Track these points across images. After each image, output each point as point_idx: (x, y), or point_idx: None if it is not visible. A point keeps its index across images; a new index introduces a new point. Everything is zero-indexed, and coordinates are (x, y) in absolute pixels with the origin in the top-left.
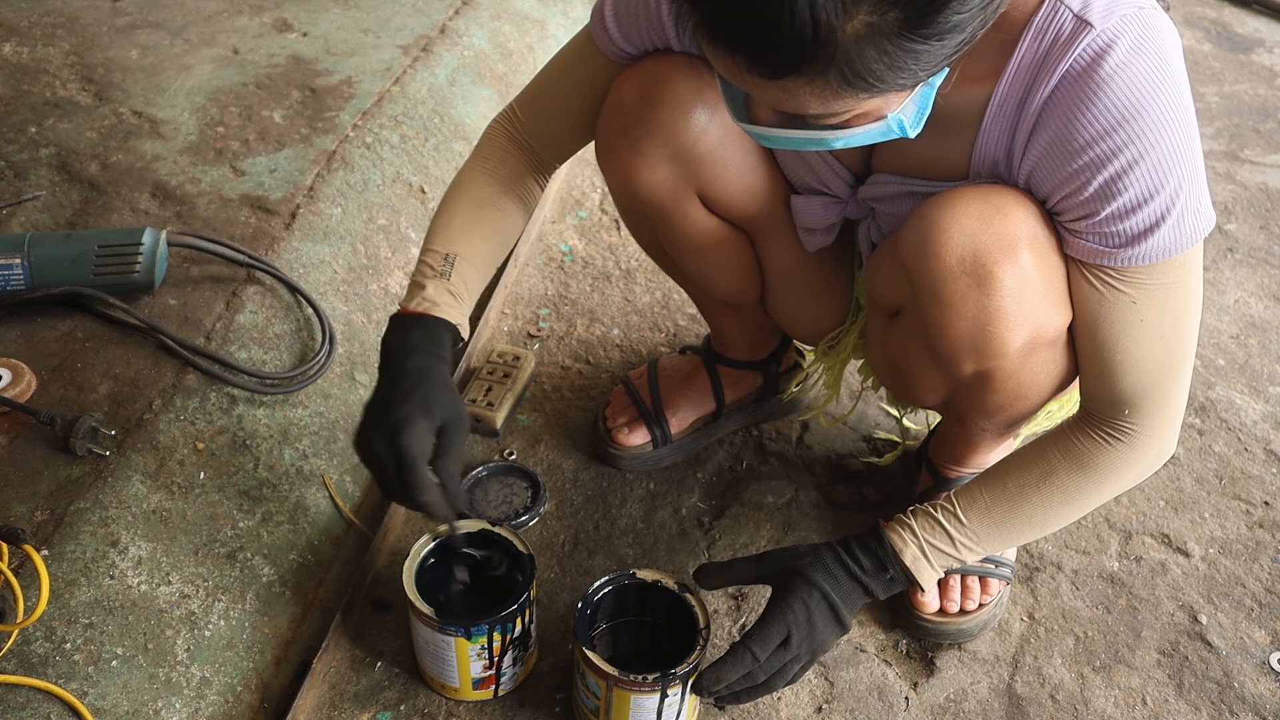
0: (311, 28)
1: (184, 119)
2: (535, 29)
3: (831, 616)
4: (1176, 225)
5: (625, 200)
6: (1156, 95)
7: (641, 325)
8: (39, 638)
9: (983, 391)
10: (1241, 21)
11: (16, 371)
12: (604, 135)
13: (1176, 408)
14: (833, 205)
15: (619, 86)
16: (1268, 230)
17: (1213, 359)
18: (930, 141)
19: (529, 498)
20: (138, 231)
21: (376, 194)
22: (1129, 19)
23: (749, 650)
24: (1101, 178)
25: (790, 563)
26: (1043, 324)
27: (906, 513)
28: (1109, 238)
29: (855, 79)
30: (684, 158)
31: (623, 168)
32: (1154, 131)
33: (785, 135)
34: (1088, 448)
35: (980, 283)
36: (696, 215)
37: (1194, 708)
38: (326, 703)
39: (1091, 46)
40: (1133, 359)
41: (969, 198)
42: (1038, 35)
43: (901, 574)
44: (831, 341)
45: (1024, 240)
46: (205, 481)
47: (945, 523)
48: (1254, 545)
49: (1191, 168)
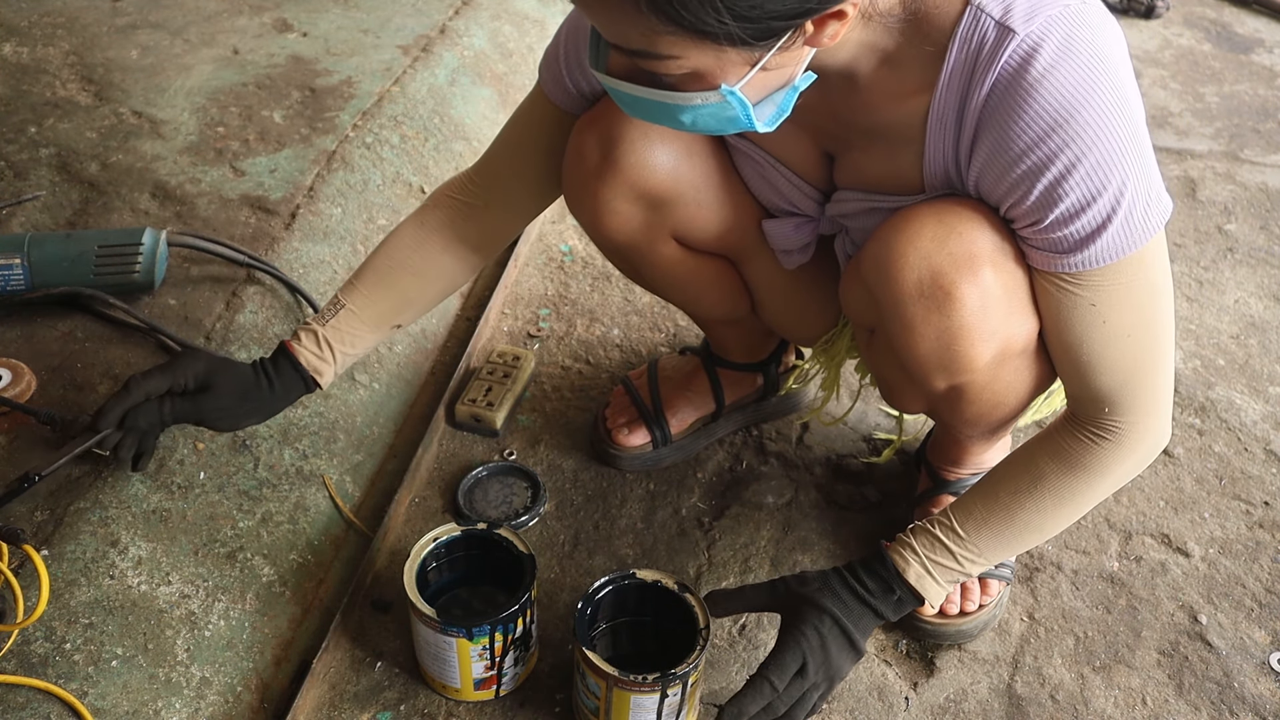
0: (311, 28)
1: (184, 119)
2: (535, 29)
3: (845, 641)
4: (1124, 224)
5: (598, 243)
6: (1090, 94)
7: (641, 325)
8: (39, 638)
9: (959, 404)
10: (1241, 21)
11: (16, 371)
12: (568, 186)
13: (1159, 401)
14: (804, 225)
15: (577, 134)
16: (1268, 230)
17: (1213, 359)
18: (881, 157)
19: (529, 498)
20: (138, 231)
21: (376, 194)
22: (1054, 20)
23: (767, 680)
24: (1041, 185)
25: (799, 590)
26: (1011, 335)
27: (907, 531)
28: (1057, 243)
29: (662, 1)
30: (649, 199)
31: (590, 214)
32: (1090, 132)
33: (631, 91)
34: (1075, 449)
35: (940, 304)
36: (671, 253)
37: (1194, 708)
38: (326, 703)
39: (1017, 53)
40: (1101, 360)
41: (923, 218)
42: (963, 45)
43: (908, 593)
44: (826, 343)
45: (981, 256)
46: (205, 481)
47: (945, 538)
48: (1254, 545)
49: (1136, 163)
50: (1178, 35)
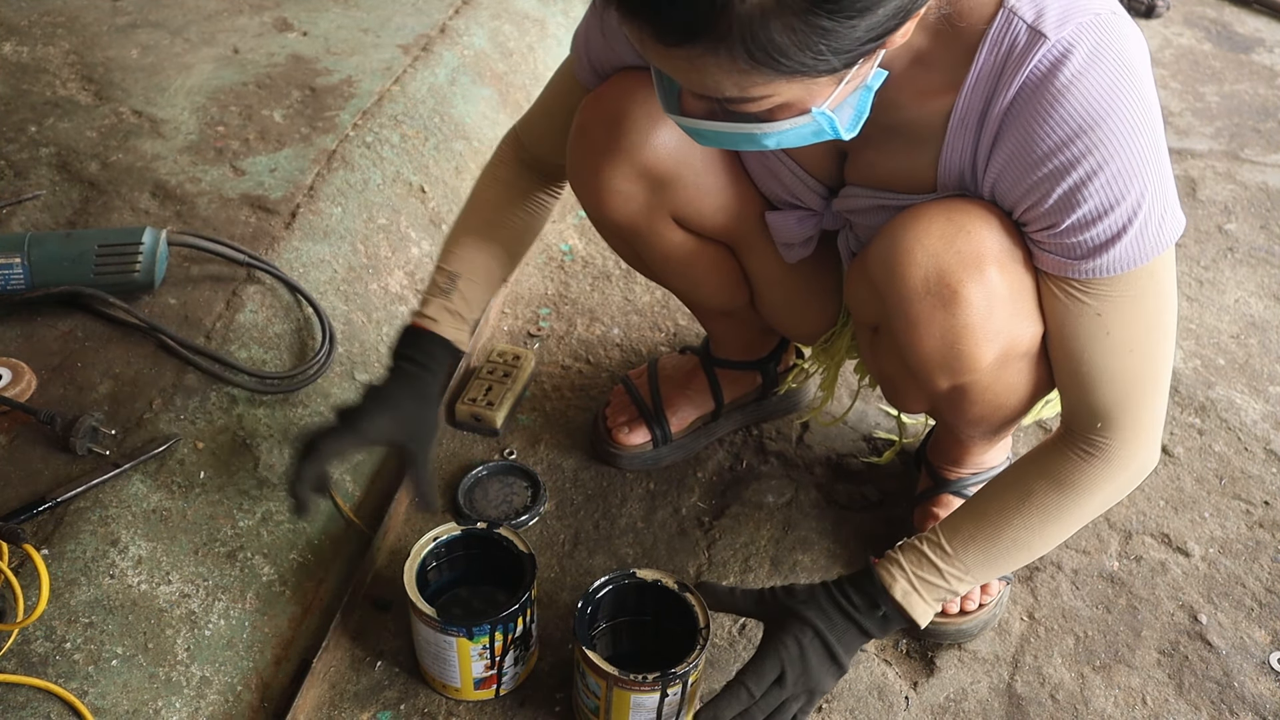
0: (312, 27)
1: (184, 118)
2: (535, 28)
3: (826, 654)
4: (1139, 236)
5: (599, 223)
6: (1116, 103)
7: (641, 324)
8: (39, 637)
9: (961, 404)
10: (1241, 21)
11: (16, 371)
12: (572, 162)
13: (1151, 421)
14: (808, 219)
15: (583, 111)
16: (1268, 230)
17: (1213, 359)
18: (897, 154)
19: (529, 497)
20: (138, 231)
21: (376, 193)
22: (1085, 26)
23: (744, 686)
24: (1061, 189)
25: (785, 601)
26: (1015, 337)
27: (895, 547)
28: (1071, 249)
29: (761, 54)
30: (652, 179)
31: (592, 193)
32: (1114, 140)
33: (714, 128)
34: (1063, 465)
35: (945, 303)
36: (672, 235)
37: (1194, 707)
38: (326, 702)
39: (1047, 57)
40: (1102, 372)
41: (932, 216)
42: (993, 47)
43: (894, 610)
44: (826, 342)
45: (988, 256)
46: (205, 481)
47: (931, 555)
48: (1254, 545)
49: (1156, 176)
50: (1178, 35)
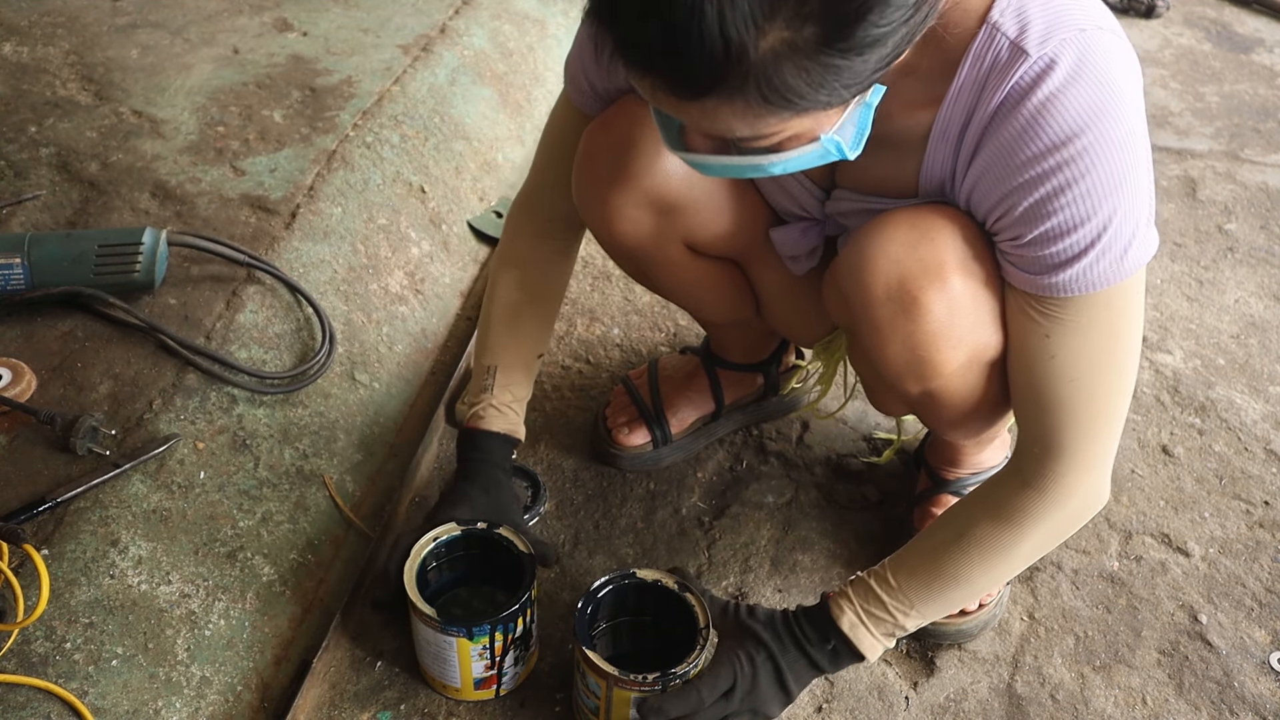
0: (311, 27)
1: (184, 118)
2: (535, 29)
3: (775, 679)
4: (1097, 259)
5: (607, 247)
6: (1095, 122)
7: (641, 325)
8: (39, 637)
9: (934, 408)
10: (1241, 21)
11: (16, 371)
12: (579, 190)
13: (1095, 456)
14: (811, 230)
15: (589, 137)
16: (1268, 230)
17: (1213, 359)
18: (883, 161)
19: (529, 498)
20: (138, 231)
21: (377, 193)
22: (1067, 43)
23: (697, 691)
24: (1031, 199)
25: (746, 620)
26: (980, 344)
27: (847, 582)
28: (1031, 263)
29: (775, 97)
30: (658, 204)
31: (601, 220)
32: (1088, 158)
33: (721, 162)
34: (1003, 497)
35: (906, 309)
36: (680, 257)
37: (1194, 707)
38: (326, 702)
39: (1028, 74)
40: (1042, 395)
41: (897, 222)
42: (976, 62)
43: (843, 644)
44: (827, 342)
45: (951, 264)
46: (205, 481)
47: (878, 588)
48: (1254, 545)
49: (1129, 198)
50: (1178, 35)
